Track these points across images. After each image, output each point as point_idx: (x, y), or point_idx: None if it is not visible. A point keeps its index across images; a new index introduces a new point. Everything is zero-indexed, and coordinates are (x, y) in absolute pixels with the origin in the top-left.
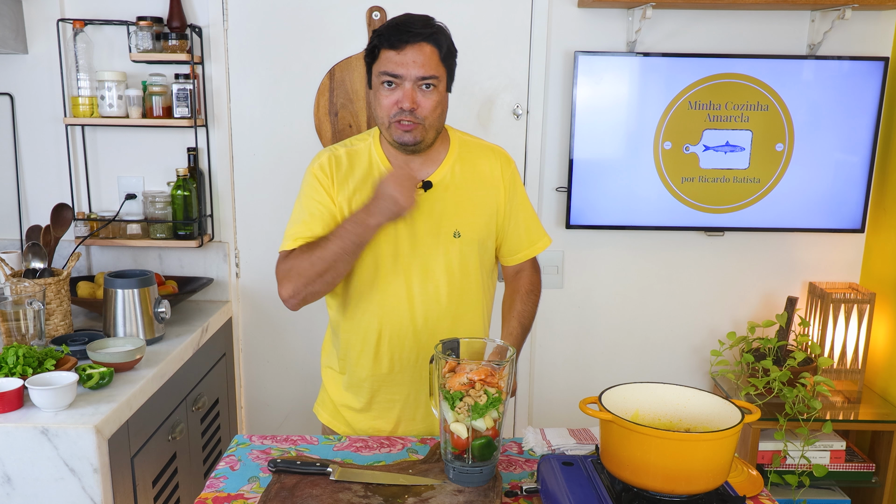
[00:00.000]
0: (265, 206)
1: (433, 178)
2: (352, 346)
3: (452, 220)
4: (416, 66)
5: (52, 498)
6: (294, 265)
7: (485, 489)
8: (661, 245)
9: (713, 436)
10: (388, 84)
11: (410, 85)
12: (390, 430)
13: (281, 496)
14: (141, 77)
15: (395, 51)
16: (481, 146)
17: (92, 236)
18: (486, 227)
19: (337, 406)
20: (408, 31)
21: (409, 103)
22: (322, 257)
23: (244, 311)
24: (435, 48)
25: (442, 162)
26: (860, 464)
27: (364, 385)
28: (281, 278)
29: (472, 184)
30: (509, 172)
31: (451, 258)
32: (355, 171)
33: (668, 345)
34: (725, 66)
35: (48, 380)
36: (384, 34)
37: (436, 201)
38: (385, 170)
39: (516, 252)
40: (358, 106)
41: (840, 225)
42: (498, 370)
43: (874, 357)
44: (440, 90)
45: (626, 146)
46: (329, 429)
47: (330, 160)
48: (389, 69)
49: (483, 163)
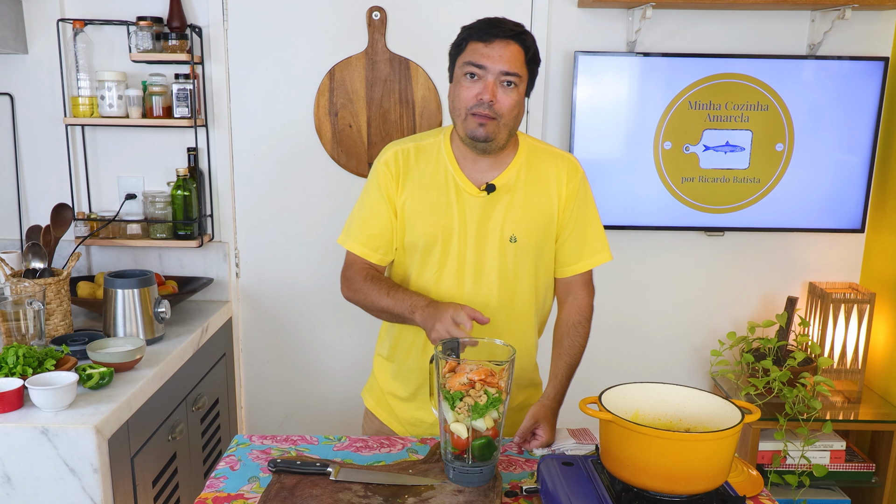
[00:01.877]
0: (265, 206)
1: (497, 181)
2: (404, 335)
3: (510, 224)
4: (501, 61)
5: (52, 498)
6: (355, 282)
7: (485, 489)
8: (661, 245)
9: (713, 436)
10: (470, 76)
11: (493, 78)
12: (433, 422)
13: (281, 496)
14: (141, 77)
15: (483, 43)
16: (550, 152)
17: (92, 236)
18: (544, 233)
19: (384, 393)
20: (499, 26)
21: (490, 95)
22: (373, 303)
23: (244, 311)
24: (522, 49)
25: (508, 166)
26: (860, 464)
27: (412, 375)
28: (343, 278)
29: (535, 189)
30: (575, 180)
31: (505, 262)
32: (422, 166)
33: (668, 345)
34: (725, 66)
35: (48, 380)
36: (475, 27)
37: (496, 204)
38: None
39: (567, 264)
40: (358, 106)
41: (840, 225)
42: (498, 370)
43: (874, 357)
44: (520, 91)
45: (626, 146)
46: (371, 413)
47: (396, 155)
48: (475, 59)
49: (549, 168)
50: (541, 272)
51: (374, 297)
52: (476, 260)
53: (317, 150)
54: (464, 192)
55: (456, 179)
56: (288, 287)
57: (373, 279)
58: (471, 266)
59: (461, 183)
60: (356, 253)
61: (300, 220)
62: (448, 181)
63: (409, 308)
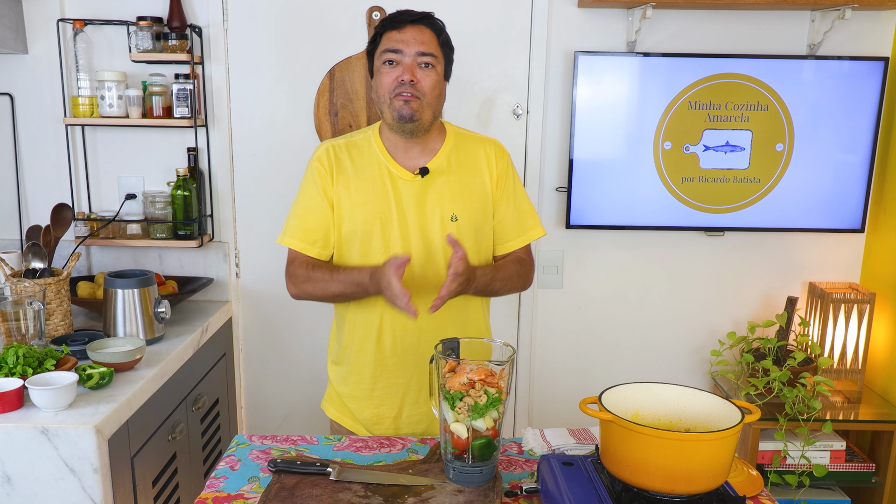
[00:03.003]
0: (265, 206)
1: (429, 165)
2: (356, 332)
3: (449, 204)
4: (416, 43)
5: (52, 498)
6: (300, 275)
7: (485, 489)
8: (661, 245)
9: (713, 436)
10: (389, 63)
11: (410, 60)
12: (394, 416)
13: (281, 496)
14: (141, 77)
15: (396, 30)
16: (476, 137)
17: (92, 236)
18: (481, 212)
19: (342, 398)
20: (408, 13)
21: (409, 75)
22: (323, 290)
23: (244, 311)
24: (433, 32)
25: (438, 151)
26: (860, 464)
27: (366, 371)
28: (287, 276)
29: (467, 171)
30: (503, 162)
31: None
32: (355, 161)
33: (668, 345)
34: (725, 66)
35: (48, 380)
36: (386, 20)
37: (432, 187)
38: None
39: (507, 240)
40: (358, 106)
41: (840, 225)
42: (498, 370)
43: (874, 357)
44: (438, 72)
45: (626, 146)
46: (337, 423)
47: (328, 152)
48: (391, 45)
49: (477, 151)
50: (482, 250)
51: (322, 286)
52: (423, 242)
53: None
54: (398, 179)
55: (389, 167)
56: None
57: (317, 266)
58: (417, 248)
59: (394, 170)
60: (295, 248)
61: None
62: (381, 170)
63: (356, 286)
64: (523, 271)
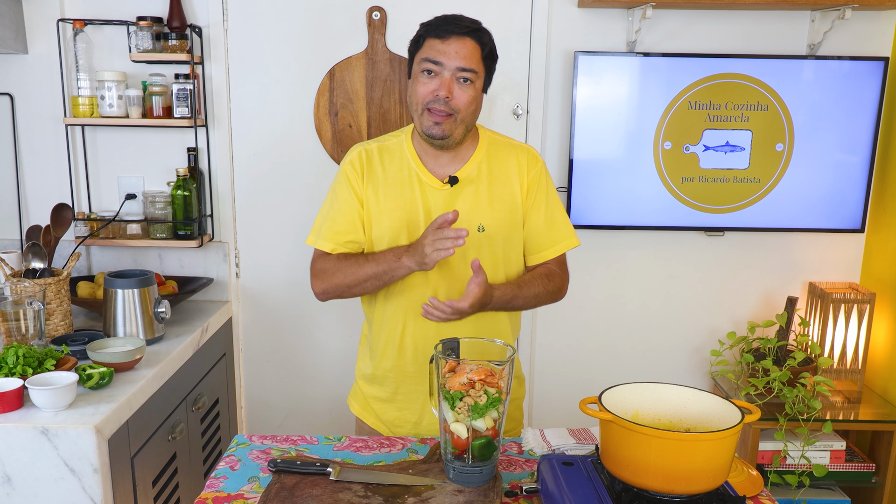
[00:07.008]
0: (265, 206)
1: (459, 174)
2: (380, 338)
3: (477, 214)
4: (457, 57)
5: (52, 498)
6: (328, 268)
7: (485, 489)
8: (660, 245)
9: (713, 436)
10: (427, 73)
11: (449, 74)
12: (415, 421)
13: (281, 496)
14: (141, 77)
15: (439, 39)
16: (509, 144)
17: (92, 236)
18: (510, 221)
19: (367, 397)
20: (455, 23)
21: (446, 91)
22: (355, 274)
23: (244, 311)
24: (478, 45)
25: (469, 159)
26: (860, 464)
27: (389, 376)
28: (314, 274)
29: (497, 180)
30: (535, 170)
31: (475, 251)
32: (386, 165)
33: (668, 345)
34: (725, 66)
35: (48, 380)
36: (432, 24)
37: (461, 196)
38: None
39: (538, 250)
40: (358, 106)
41: (840, 225)
42: (498, 370)
43: (874, 357)
44: (476, 87)
45: (626, 146)
46: (360, 420)
47: (360, 155)
48: (431, 55)
49: (509, 159)
50: (511, 261)
51: (355, 270)
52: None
53: (317, 150)
54: (427, 186)
55: (419, 174)
56: (288, 287)
57: (346, 257)
58: (442, 259)
59: (424, 177)
60: (325, 249)
61: (300, 220)
62: (411, 177)
63: (394, 259)
64: (553, 287)
